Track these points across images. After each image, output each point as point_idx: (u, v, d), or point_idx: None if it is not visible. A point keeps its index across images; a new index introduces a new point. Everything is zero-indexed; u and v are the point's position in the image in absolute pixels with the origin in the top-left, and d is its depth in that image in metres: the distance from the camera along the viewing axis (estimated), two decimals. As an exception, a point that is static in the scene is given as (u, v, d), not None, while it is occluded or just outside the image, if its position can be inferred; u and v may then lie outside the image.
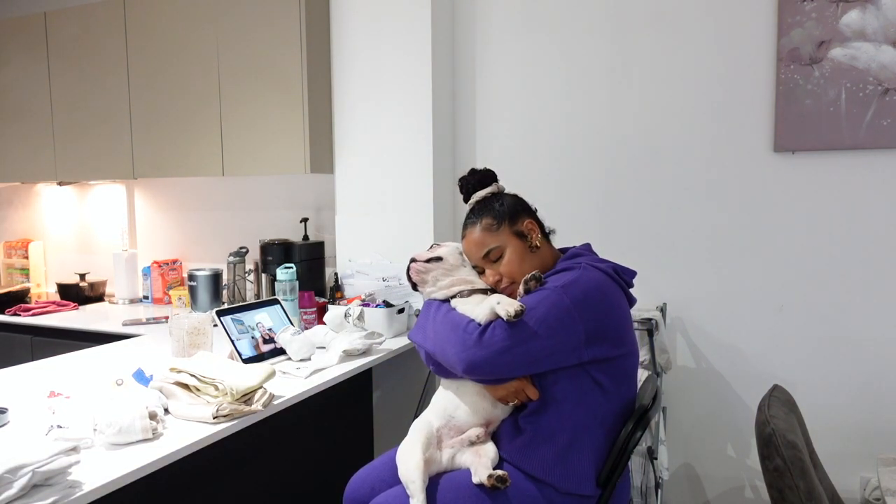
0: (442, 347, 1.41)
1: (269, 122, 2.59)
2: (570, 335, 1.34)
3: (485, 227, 1.52)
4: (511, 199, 1.56)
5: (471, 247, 1.54)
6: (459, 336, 1.37)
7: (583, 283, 1.38)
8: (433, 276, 1.53)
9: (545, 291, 1.38)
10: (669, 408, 2.38)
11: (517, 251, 1.50)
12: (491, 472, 1.35)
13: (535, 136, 2.53)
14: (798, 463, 1.32)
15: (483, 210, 1.54)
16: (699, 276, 2.34)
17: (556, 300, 1.34)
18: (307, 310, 2.37)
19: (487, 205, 1.55)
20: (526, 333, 1.32)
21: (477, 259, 1.54)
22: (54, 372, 1.90)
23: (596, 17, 2.40)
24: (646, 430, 1.49)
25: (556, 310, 1.33)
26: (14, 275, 3.58)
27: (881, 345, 2.13)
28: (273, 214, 3.05)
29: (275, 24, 2.54)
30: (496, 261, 1.52)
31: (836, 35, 2.08)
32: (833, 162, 2.15)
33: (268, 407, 1.55)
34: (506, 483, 1.34)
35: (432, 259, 1.54)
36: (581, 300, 1.35)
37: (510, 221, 1.51)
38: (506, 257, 1.50)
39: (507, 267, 1.50)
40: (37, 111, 3.13)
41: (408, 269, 1.57)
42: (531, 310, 1.34)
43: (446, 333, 1.40)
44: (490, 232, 1.51)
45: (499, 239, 1.51)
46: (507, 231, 1.51)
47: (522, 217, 1.53)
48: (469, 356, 1.34)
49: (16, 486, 1.03)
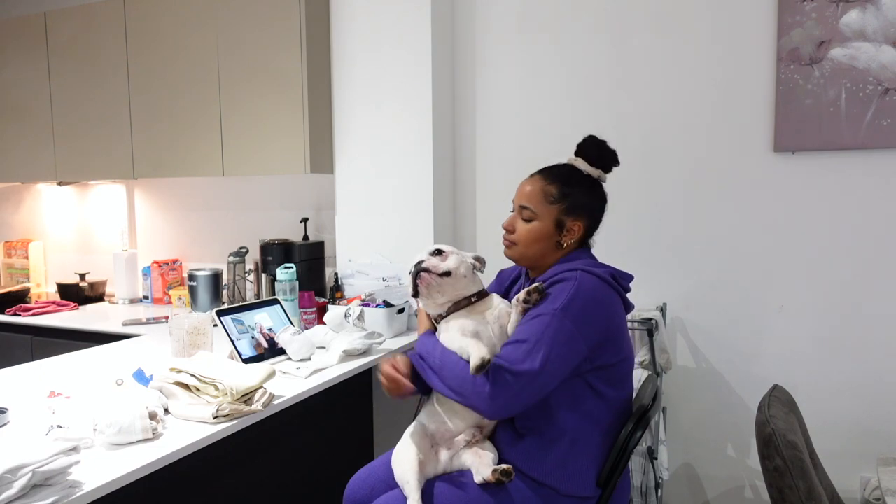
0: (460, 398, 1.39)
1: (269, 122, 2.59)
2: (575, 356, 1.35)
3: (544, 191, 1.49)
4: (590, 196, 1.51)
5: (521, 188, 1.53)
6: (471, 389, 1.34)
7: (580, 298, 1.36)
8: (438, 290, 1.49)
9: (546, 318, 1.34)
10: (669, 408, 2.38)
11: (542, 232, 1.48)
12: (495, 467, 1.35)
13: (535, 135, 2.53)
14: (798, 463, 1.32)
15: (563, 179, 1.49)
16: (699, 276, 2.34)
17: (558, 326, 1.33)
18: (307, 310, 2.37)
19: (572, 179, 1.50)
20: (534, 371, 1.30)
21: (516, 199, 1.53)
22: (54, 372, 1.90)
23: (595, 17, 2.40)
24: (646, 430, 1.49)
25: (560, 335, 1.33)
26: (14, 275, 3.57)
27: (881, 345, 2.13)
28: (273, 214, 3.05)
29: (275, 24, 2.54)
30: (524, 217, 1.50)
31: (836, 35, 2.08)
32: (833, 162, 2.15)
33: (268, 407, 1.55)
34: (510, 476, 1.34)
35: (444, 274, 1.49)
36: (581, 319, 1.34)
37: (566, 210, 1.48)
38: (530, 226, 1.49)
39: (522, 235, 1.50)
40: (37, 111, 3.13)
41: (416, 276, 1.49)
42: (537, 342, 1.32)
43: (458, 386, 1.37)
44: (543, 196, 1.48)
45: (542, 209, 1.48)
46: (555, 213, 1.48)
47: (579, 217, 1.49)
48: (488, 410, 1.33)
49: (16, 486, 1.03)
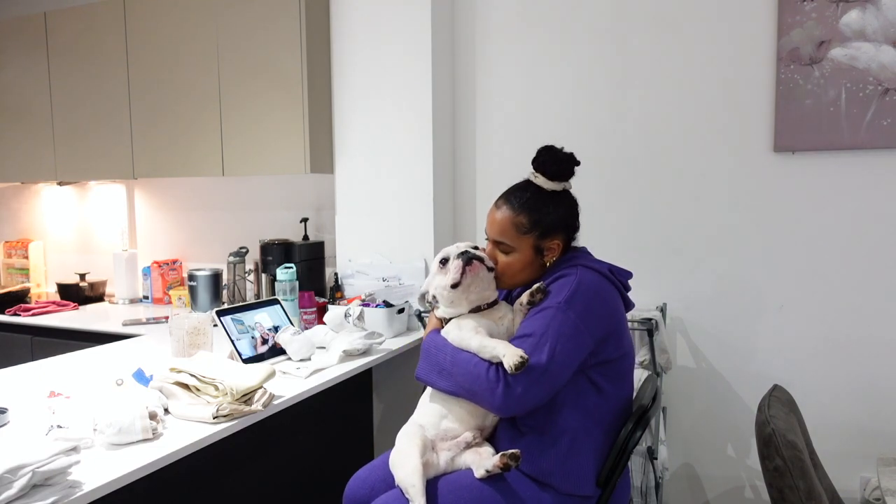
0: (470, 395, 1.40)
1: (269, 122, 2.59)
2: (581, 350, 1.36)
3: (514, 222, 1.45)
4: (562, 212, 1.47)
5: (492, 220, 1.49)
6: (484, 385, 1.35)
7: (582, 291, 1.37)
8: (479, 284, 1.46)
9: (550, 311, 1.36)
10: (669, 408, 2.38)
11: (524, 262, 1.48)
12: (503, 452, 1.34)
13: (535, 135, 2.52)
14: (798, 463, 1.32)
15: (527, 205, 1.45)
16: (699, 276, 2.34)
17: (562, 319, 1.34)
18: (307, 310, 2.37)
19: (537, 203, 1.45)
20: (542, 365, 1.32)
21: (489, 232, 1.50)
22: (54, 372, 1.90)
23: (596, 18, 2.40)
24: (646, 429, 1.49)
25: (564, 328, 1.34)
26: (14, 275, 3.57)
27: (881, 345, 2.13)
28: (273, 214, 3.05)
29: (275, 24, 2.54)
30: (501, 251, 1.49)
31: (836, 35, 2.08)
32: (833, 162, 2.15)
33: (268, 407, 1.55)
34: (518, 461, 1.33)
35: (490, 269, 1.47)
36: (584, 312, 1.36)
37: (540, 235, 1.46)
38: (510, 259, 1.48)
39: (505, 268, 1.49)
40: (37, 111, 3.13)
41: (468, 262, 1.43)
42: (542, 335, 1.33)
43: (470, 383, 1.38)
44: (515, 229, 1.46)
45: (517, 241, 1.46)
46: (531, 241, 1.46)
47: (555, 235, 1.47)
48: (500, 406, 1.34)
49: (16, 486, 1.03)
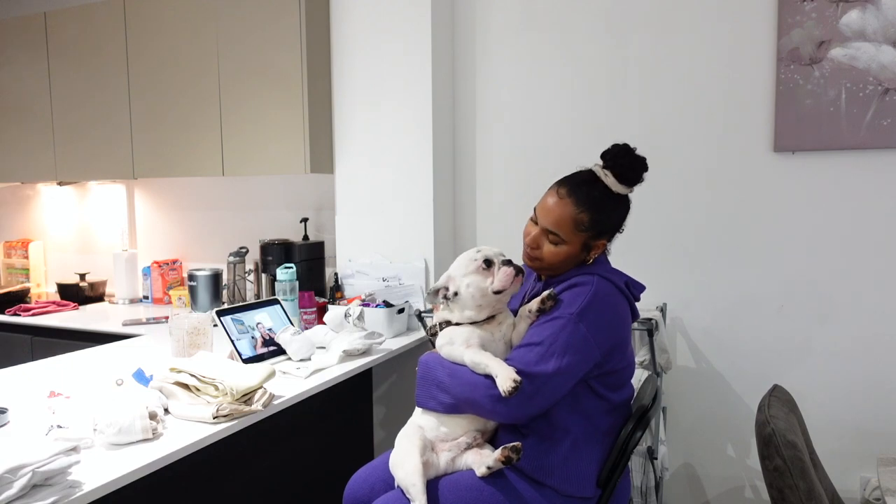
0: (470, 405, 1.40)
1: (269, 122, 2.59)
2: (588, 362, 1.37)
3: (575, 218, 1.42)
4: (619, 216, 1.47)
5: (549, 209, 1.44)
6: (483, 394, 1.35)
7: (596, 304, 1.37)
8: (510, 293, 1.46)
9: (560, 321, 1.36)
10: (669, 408, 2.38)
11: (570, 254, 1.45)
12: (504, 446, 1.34)
13: (535, 135, 2.52)
14: (798, 463, 1.32)
15: (595, 205, 1.42)
16: (699, 276, 2.33)
17: (572, 330, 1.35)
18: (307, 310, 2.37)
19: (603, 204, 1.43)
20: (548, 375, 1.32)
21: (541, 218, 1.45)
22: (54, 372, 1.90)
23: (596, 16, 2.40)
24: (646, 430, 1.49)
25: (574, 340, 1.34)
26: (14, 275, 3.57)
27: (881, 345, 2.13)
28: (273, 214, 3.05)
29: (275, 24, 2.54)
30: (550, 240, 1.45)
31: (836, 35, 2.08)
32: (833, 162, 2.15)
33: (268, 407, 1.55)
34: (519, 453, 1.33)
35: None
36: (595, 326, 1.36)
37: (594, 234, 1.44)
38: (557, 250, 1.45)
39: (549, 256, 1.46)
40: (37, 111, 3.13)
41: (518, 271, 1.43)
42: (550, 345, 1.33)
43: (468, 394, 1.38)
44: (573, 225, 1.42)
45: (571, 236, 1.43)
46: (583, 238, 1.44)
47: (605, 236, 1.47)
48: (501, 415, 1.36)
49: (16, 486, 1.03)
